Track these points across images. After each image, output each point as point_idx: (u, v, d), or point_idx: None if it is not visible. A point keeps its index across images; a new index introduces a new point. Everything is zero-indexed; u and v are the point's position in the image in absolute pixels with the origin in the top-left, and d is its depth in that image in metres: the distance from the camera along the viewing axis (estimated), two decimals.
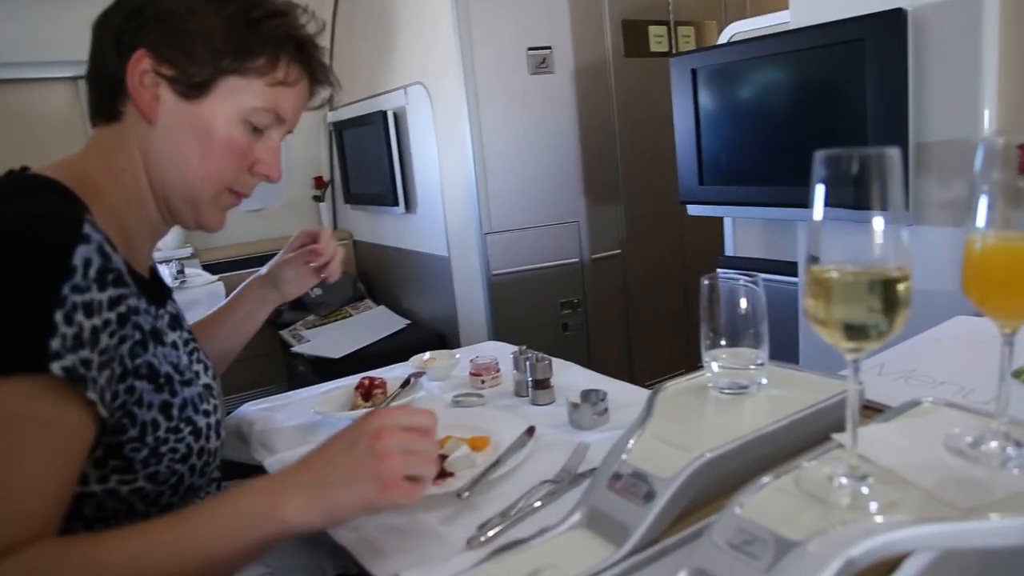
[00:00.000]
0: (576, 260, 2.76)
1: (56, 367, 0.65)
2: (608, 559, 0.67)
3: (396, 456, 0.70)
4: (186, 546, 0.66)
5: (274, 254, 1.28)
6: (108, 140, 0.87)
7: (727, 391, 0.87)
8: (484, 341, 2.67)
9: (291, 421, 1.20)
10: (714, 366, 0.87)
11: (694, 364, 3.02)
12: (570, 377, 1.29)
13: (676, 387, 0.91)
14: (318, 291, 3.36)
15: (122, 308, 0.73)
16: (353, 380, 1.29)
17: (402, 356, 1.42)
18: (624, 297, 2.89)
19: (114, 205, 0.84)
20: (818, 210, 0.56)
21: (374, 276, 3.64)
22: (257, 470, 1.19)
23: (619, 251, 2.85)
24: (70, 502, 0.70)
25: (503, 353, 1.37)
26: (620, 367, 2.89)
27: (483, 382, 1.27)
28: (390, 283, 3.49)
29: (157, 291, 0.92)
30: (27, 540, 0.63)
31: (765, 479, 0.64)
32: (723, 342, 0.87)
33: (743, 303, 0.86)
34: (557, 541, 0.73)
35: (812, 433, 0.77)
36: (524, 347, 1.23)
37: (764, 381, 0.87)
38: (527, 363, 1.19)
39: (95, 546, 0.65)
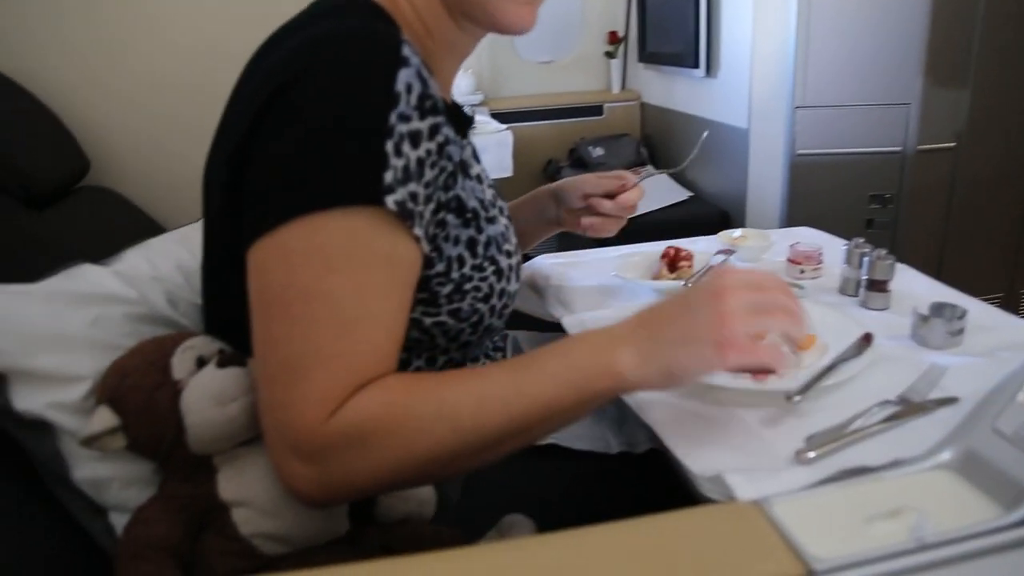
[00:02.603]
0: (898, 149, 2.39)
1: (390, 201, 0.62)
2: (994, 521, 0.54)
3: (740, 316, 0.63)
4: (524, 390, 0.64)
5: (561, 108, 1.18)
6: None
7: None
8: (775, 227, 2.46)
9: (589, 281, 1.15)
10: None
11: (1017, 290, 2.55)
12: (906, 282, 1.10)
13: None
14: (600, 151, 3.29)
15: (440, 137, 0.68)
16: (655, 247, 1.20)
17: (680, 229, 1.30)
18: (948, 199, 2.48)
19: (413, 23, 0.78)
20: None
21: (659, 142, 3.48)
22: (550, 326, 1.17)
23: (953, 144, 2.42)
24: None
25: (828, 243, 1.20)
26: None
27: (802, 272, 1.12)
28: (676, 151, 3.31)
29: (461, 120, 0.86)
30: (378, 376, 0.64)
31: None
32: None
33: None
34: (918, 480, 0.61)
35: None
36: (861, 239, 1.06)
37: None
38: (864, 258, 1.02)
39: (440, 383, 0.65)
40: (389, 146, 0.62)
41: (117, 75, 1.67)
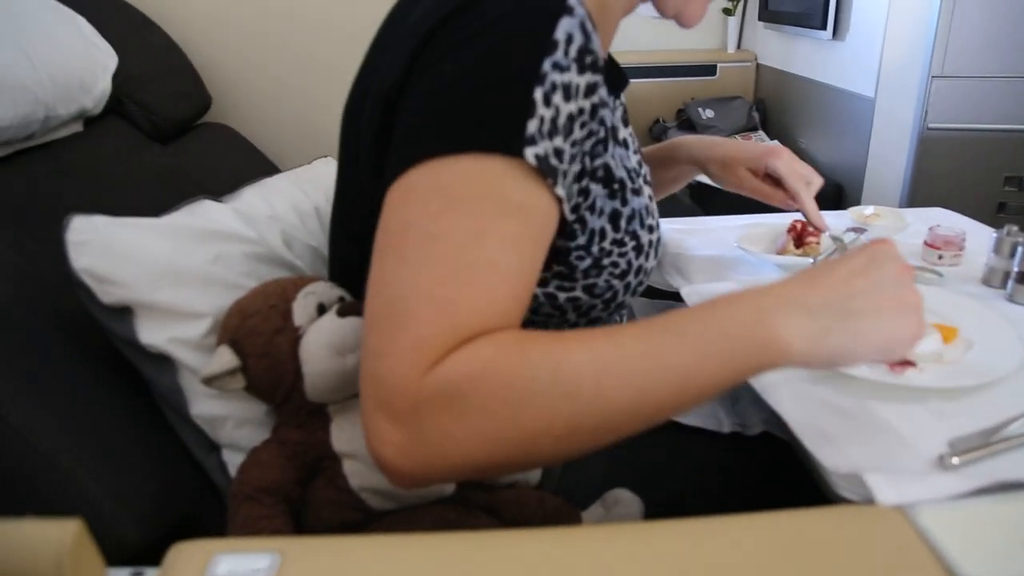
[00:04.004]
0: None
1: (530, 153, 0.56)
2: None
3: (919, 296, 0.59)
4: (660, 359, 0.53)
5: (671, 66, 1.11)
6: None
7: None
8: (894, 204, 2.32)
9: (708, 250, 1.10)
10: None
11: None
12: None
13: None
14: (710, 113, 3.16)
15: (595, 98, 0.62)
16: (780, 219, 1.13)
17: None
18: None
19: None
20: None
21: (772, 107, 3.31)
22: (664, 294, 1.13)
23: None
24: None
25: (969, 228, 1.11)
26: None
27: (940, 257, 1.04)
28: (790, 117, 3.15)
29: (616, 78, 0.81)
30: (494, 331, 0.57)
31: None
32: None
33: None
34: None
35: None
36: (1015, 227, 0.97)
37: None
38: (1017, 248, 0.94)
39: (559, 343, 0.55)
40: (538, 94, 0.57)
41: (243, 12, 1.69)
